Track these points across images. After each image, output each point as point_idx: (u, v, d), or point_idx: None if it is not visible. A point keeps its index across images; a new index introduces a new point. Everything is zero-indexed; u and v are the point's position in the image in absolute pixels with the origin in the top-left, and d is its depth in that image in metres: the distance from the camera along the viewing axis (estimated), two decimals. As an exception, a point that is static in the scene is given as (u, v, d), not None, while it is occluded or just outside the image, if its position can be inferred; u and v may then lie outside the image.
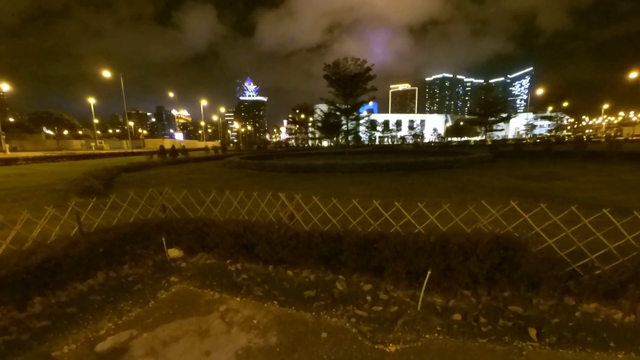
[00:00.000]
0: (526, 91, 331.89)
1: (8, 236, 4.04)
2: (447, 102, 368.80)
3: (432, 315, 2.94)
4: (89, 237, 4.26)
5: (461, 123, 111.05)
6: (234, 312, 3.25)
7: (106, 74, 56.17)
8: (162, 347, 2.76)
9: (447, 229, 3.71)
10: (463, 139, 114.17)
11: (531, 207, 3.77)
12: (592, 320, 2.78)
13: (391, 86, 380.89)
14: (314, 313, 3.13)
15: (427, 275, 3.12)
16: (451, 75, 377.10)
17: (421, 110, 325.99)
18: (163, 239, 4.58)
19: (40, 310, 3.42)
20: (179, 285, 3.90)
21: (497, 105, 51.90)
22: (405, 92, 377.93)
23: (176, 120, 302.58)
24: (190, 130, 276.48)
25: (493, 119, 52.55)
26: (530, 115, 70.39)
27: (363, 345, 2.61)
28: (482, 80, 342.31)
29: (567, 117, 57.85)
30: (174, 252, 4.67)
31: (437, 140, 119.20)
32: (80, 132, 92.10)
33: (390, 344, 2.59)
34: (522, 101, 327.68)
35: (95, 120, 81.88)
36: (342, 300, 3.30)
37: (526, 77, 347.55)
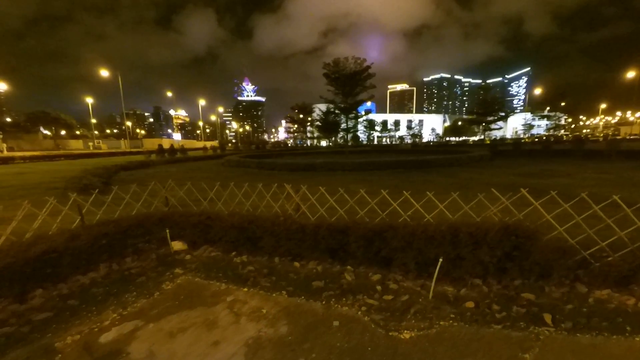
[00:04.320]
0: (524, 91, 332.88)
1: (8, 228, 3.97)
2: (445, 102, 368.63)
3: (444, 304, 2.90)
4: (90, 229, 4.19)
5: (459, 123, 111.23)
6: (242, 303, 3.19)
7: (105, 74, 56.00)
8: (169, 338, 2.69)
9: (456, 217, 3.67)
10: (461, 138, 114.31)
11: (537, 199, 3.73)
12: (606, 306, 2.76)
13: (389, 86, 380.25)
14: (323, 302, 3.08)
15: (439, 264, 3.08)
16: (449, 76, 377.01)
17: (419, 110, 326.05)
18: (167, 231, 4.51)
19: (40, 302, 3.35)
20: (183, 277, 3.84)
21: (495, 104, 51.94)
22: (403, 92, 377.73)
23: (174, 120, 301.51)
24: (188, 130, 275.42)
25: (491, 118, 52.60)
26: (528, 114, 70.66)
27: (376, 333, 2.55)
28: (479, 81, 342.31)
29: (564, 116, 58.10)
30: (177, 245, 4.61)
31: (435, 140, 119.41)
32: (77, 132, 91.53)
33: (404, 332, 2.54)
34: (520, 101, 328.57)
35: (93, 120, 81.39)
36: (351, 291, 3.25)
37: (523, 77, 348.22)
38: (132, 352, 2.52)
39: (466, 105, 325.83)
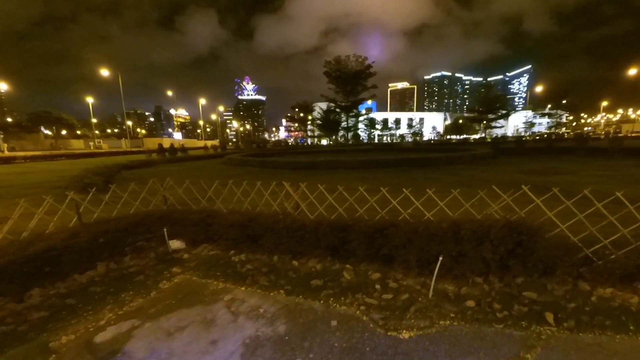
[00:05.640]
0: (525, 89, 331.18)
1: (4, 227, 3.95)
2: (446, 100, 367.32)
3: (445, 303, 2.86)
4: (89, 228, 4.16)
5: (460, 121, 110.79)
6: (240, 301, 3.16)
7: (106, 74, 56.16)
8: (167, 337, 2.67)
9: (456, 215, 3.63)
10: (462, 136, 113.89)
11: (539, 196, 3.69)
12: (609, 304, 2.72)
13: (390, 85, 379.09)
14: (322, 302, 3.05)
15: (439, 262, 3.04)
16: (450, 74, 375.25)
17: (420, 109, 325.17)
18: (165, 230, 4.48)
19: (38, 301, 3.33)
20: (182, 276, 3.81)
21: (496, 102, 51.83)
22: (404, 90, 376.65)
23: (175, 119, 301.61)
24: (188, 129, 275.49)
25: (492, 116, 52.48)
26: (530, 112, 70.51)
27: (375, 332, 2.52)
28: (480, 79, 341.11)
29: (566, 114, 57.91)
30: (175, 244, 4.58)
31: (436, 139, 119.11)
32: (78, 132, 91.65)
33: (404, 331, 2.50)
34: (521, 99, 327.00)
35: (94, 120, 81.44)
36: (350, 289, 3.22)
37: (525, 75, 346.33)
38: (128, 351, 2.49)
39: (467, 103, 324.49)
